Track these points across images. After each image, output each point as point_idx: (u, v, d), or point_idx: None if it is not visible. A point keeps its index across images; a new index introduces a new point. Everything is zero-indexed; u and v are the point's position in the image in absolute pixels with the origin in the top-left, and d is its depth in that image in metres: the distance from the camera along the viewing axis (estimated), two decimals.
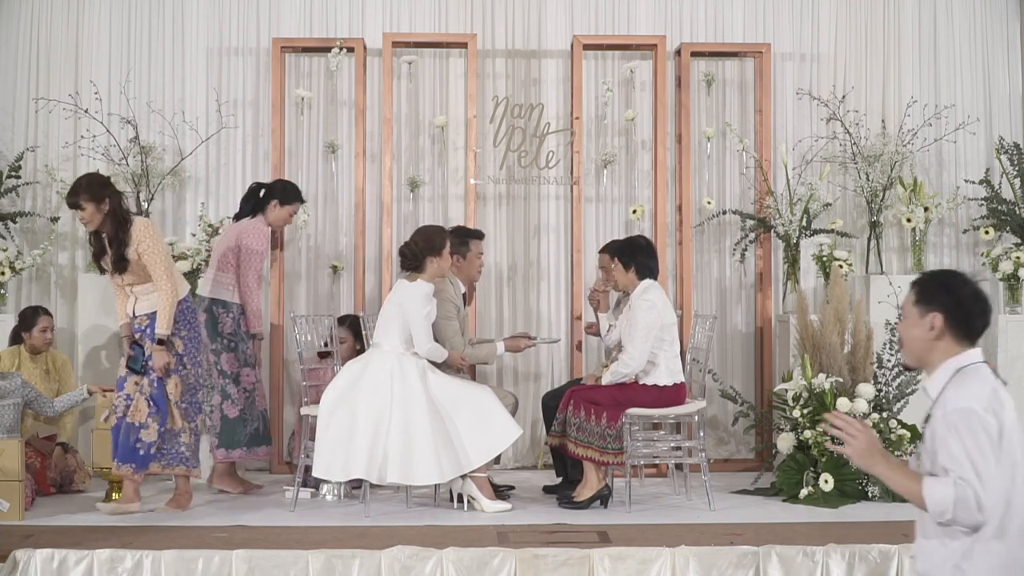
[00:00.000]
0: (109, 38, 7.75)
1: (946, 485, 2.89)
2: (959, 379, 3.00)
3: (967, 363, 3.00)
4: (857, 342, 6.60)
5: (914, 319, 3.12)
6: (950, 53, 7.98)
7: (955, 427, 2.90)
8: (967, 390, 2.96)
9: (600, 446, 5.95)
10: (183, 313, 5.91)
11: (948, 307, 3.04)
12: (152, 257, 5.76)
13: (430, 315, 6.06)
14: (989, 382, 2.98)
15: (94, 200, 5.76)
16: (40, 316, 6.80)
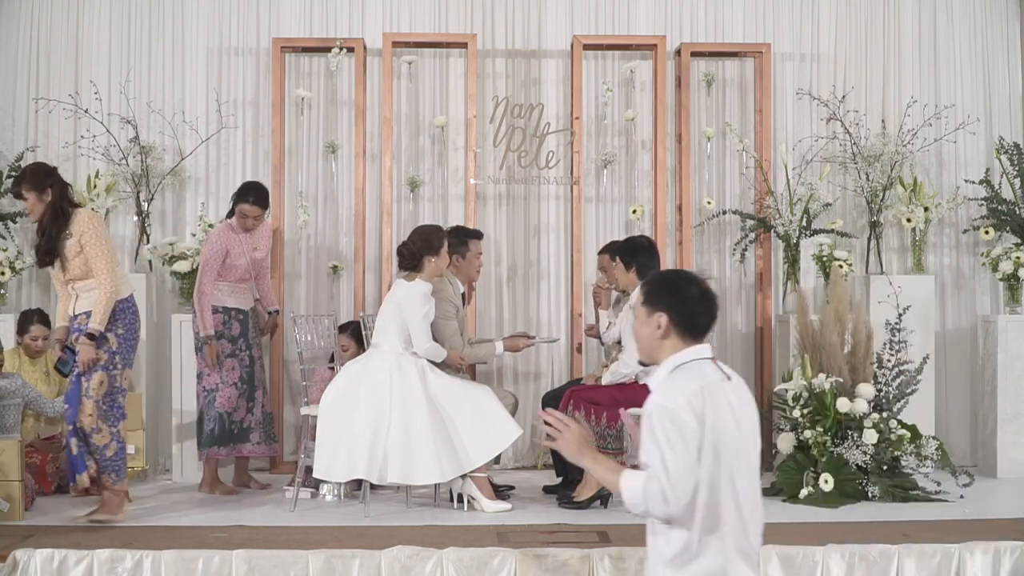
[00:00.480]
0: (109, 38, 7.75)
1: (639, 479, 3.01)
2: (673, 376, 3.09)
3: (685, 360, 3.09)
4: (857, 342, 6.60)
5: (643, 318, 3.18)
6: (950, 53, 7.98)
7: (651, 423, 3.00)
8: (673, 387, 3.04)
9: (600, 446, 5.95)
10: (123, 312, 5.61)
11: (672, 307, 3.11)
12: (95, 249, 5.52)
13: (428, 315, 6.06)
14: (700, 380, 3.04)
15: (35, 189, 5.58)
16: (33, 324, 6.80)
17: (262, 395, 6.77)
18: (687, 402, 2.99)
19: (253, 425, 6.68)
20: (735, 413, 3.04)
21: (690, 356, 3.10)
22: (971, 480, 6.60)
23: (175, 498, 6.48)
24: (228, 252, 6.59)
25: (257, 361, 6.76)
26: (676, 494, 2.96)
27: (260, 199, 6.66)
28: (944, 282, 7.88)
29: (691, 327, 3.11)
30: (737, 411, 3.04)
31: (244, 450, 6.67)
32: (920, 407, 6.93)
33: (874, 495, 6.22)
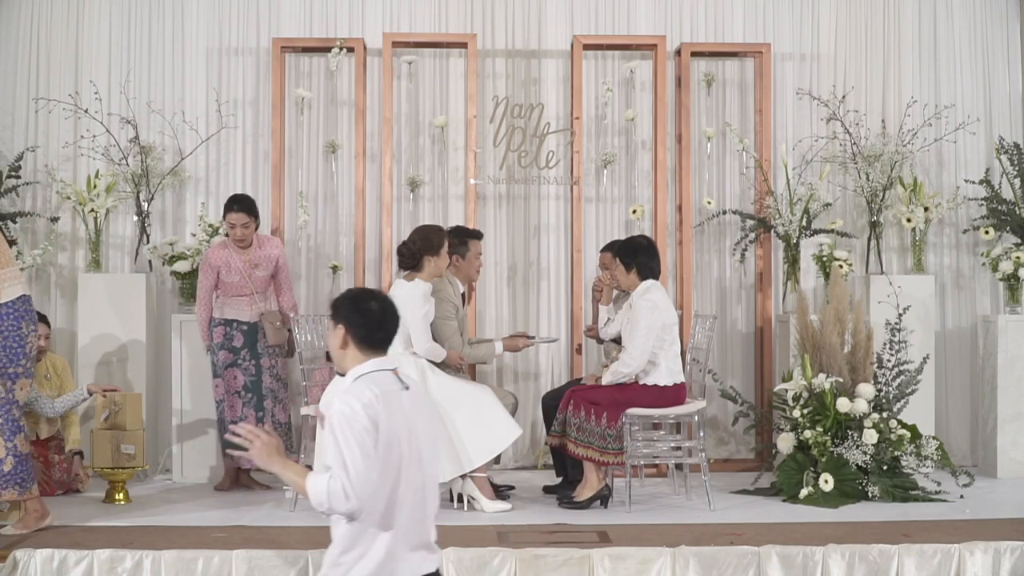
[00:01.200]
0: (109, 38, 7.74)
1: (323, 479, 3.24)
2: (355, 384, 3.32)
3: (367, 371, 3.33)
4: (857, 342, 6.60)
5: (330, 330, 3.42)
6: (950, 53, 7.98)
7: (333, 428, 3.22)
8: (352, 395, 3.27)
9: (600, 446, 5.95)
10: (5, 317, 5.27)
11: (351, 321, 3.35)
12: None
13: (428, 315, 6.06)
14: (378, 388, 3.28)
15: None
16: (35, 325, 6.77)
17: (272, 404, 6.66)
18: (364, 408, 3.23)
19: None
20: (408, 420, 3.29)
21: (371, 367, 3.34)
22: (971, 480, 6.60)
23: (175, 498, 6.48)
24: (219, 269, 6.58)
25: (267, 371, 6.65)
26: (357, 491, 3.20)
27: (245, 206, 6.59)
28: (944, 282, 7.88)
29: (368, 340, 3.35)
30: (411, 418, 3.30)
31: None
32: (920, 407, 6.93)
33: (874, 495, 6.22)
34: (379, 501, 3.25)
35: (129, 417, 6.41)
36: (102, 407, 6.37)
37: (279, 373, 6.74)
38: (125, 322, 7.21)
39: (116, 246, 7.66)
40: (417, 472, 3.32)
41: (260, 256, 6.65)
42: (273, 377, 6.69)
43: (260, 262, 6.65)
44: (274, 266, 6.70)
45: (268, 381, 6.68)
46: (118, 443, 6.34)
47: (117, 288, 7.26)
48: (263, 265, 6.66)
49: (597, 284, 6.84)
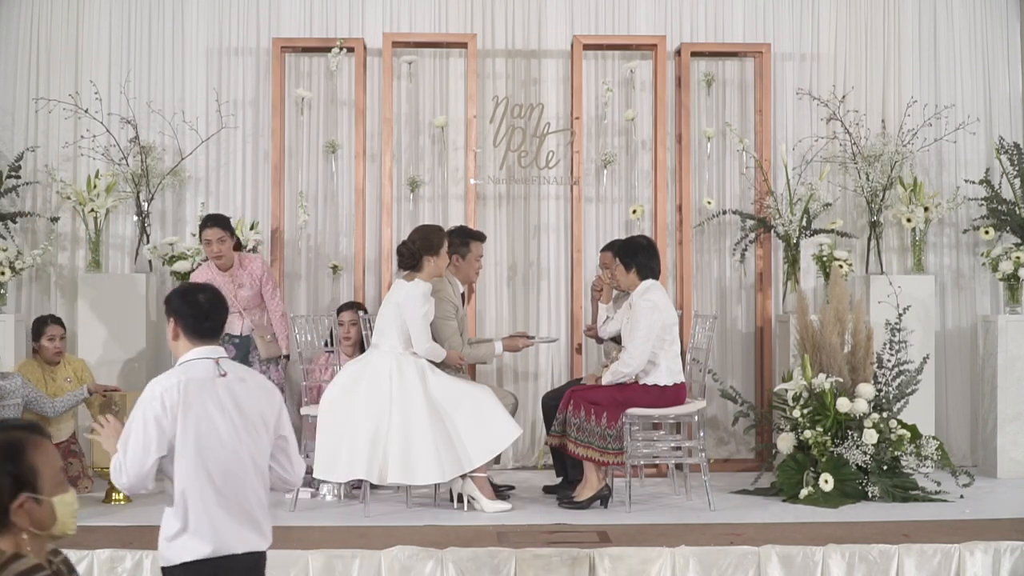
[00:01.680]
0: (109, 38, 7.74)
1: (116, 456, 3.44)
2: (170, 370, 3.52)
3: (189, 359, 3.48)
4: (857, 342, 6.60)
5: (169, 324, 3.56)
6: (950, 53, 7.98)
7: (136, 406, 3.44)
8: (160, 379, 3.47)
9: (600, 446, 5.95)
10: None
11: (180, 313, 3.51)
12: None
13: (428, 314, 6.05)
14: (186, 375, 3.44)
15: None
16: (48, 325, 6.76)
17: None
18: (161, 393, 3.40)
19: None
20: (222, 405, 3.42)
21: (194, 355, 3.49)
22: (971, 480, 6.60)
23: None
24: None
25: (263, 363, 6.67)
26: (128, 469, 3.37)
27: (217, 221, 6.56)
28: (944, 282, 7.88)
29: (196, 331, 3.50)
30: (226, 404, 3.43)
31: None
32: (920, 407, 6.93)
33: (874, 495, 6.22)
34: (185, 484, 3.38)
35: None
36: (102, 407, 6.36)
37: (272, 379, 6.69)
38: (125, 322, 7.21)
39: (116, 246, 7.66)
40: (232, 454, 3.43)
41: (243, 276, 6.62)
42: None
43: (244, 282, 6.62)
44: (258, 284, 6.66)
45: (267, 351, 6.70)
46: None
47: (117, 288, 7.26)
48: (247, 284, 6.63)
49: (597, 283, 6.84)
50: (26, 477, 2.47)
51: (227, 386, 3.46)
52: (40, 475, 2.49)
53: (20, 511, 2.46)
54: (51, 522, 2.52)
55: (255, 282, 6.64)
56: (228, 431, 3.42)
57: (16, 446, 2.48)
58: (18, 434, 2.51)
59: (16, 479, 2.46)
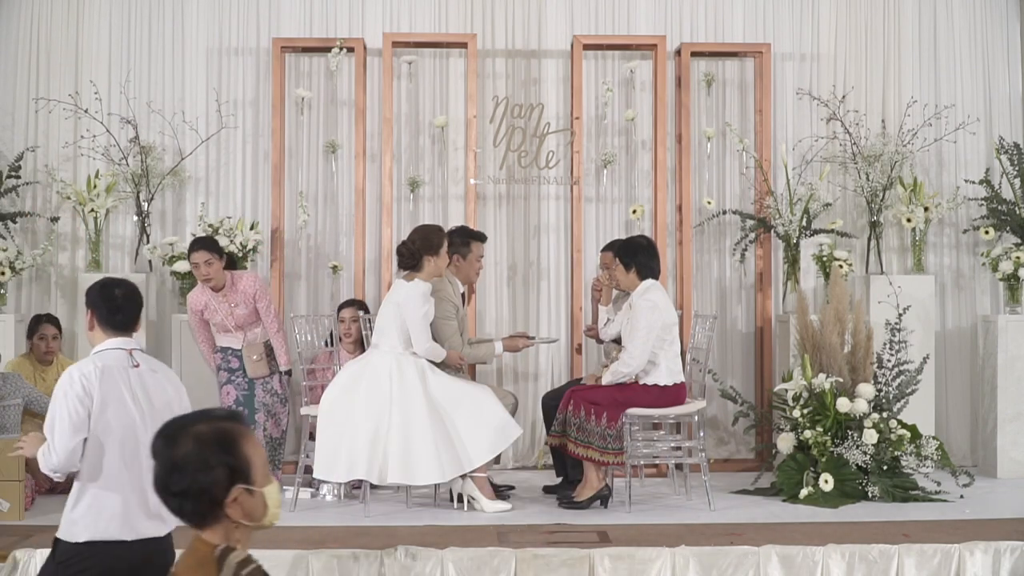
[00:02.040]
0: (109, 38, 7.74)
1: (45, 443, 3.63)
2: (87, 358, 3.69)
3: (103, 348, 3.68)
4: (857, 342, 6.60)
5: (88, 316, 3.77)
6: (950, 53, 7.98)
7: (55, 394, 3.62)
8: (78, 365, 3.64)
9: (600, 446, 5.95)
10: None
11: (97, 305, 3.71)
12: None
13: (428, 314, 6.05)
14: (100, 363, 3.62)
15: None
16: (41, 323, 6.78)
17: (265, 418, 6.58)
18: (80, 379, 3.60)
19: None
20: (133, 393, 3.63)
21: (108, 346, 3.69)
22: (971, 480, 6.60)
23: None
24: (202, 312, 6.56)
25: (260, 385, 6.59)
26: (57, 449, 3.57)
27: (203, 244, 6.50)
28: (944, 282, 7.88)
29: (110, 322, 3.70)
30: (137, 393, 3.64)
31: None
32: (920, 407, 6.93)
33: (874, 495, 6.22)
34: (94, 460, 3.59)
35: None
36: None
37: (275, 388, 6.64)
38: None
39: (116, 246, 7.66)
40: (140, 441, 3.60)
41: (236, 296, 6.55)
42: (267, 392, 6.61)
43: (238, 300, 6.55)
44: (252, 302, 6.59)
45: (261, 395, 6.61)
46: None
47: None
48: (241, 303, 6.55)
49: (596, 284, 6.84)
50: (241, 468, 2.42)
51: (139, 376, 3.67)
52: (253, 465, 2.44)
53: (234, 503, 2.42)
54: (262, 513, 2.48)
55: (249, 300, 6.55)
56: (138, 418, 3.62)
57: (230, 437, 2.43)
58: (229, 425, 2.46)
59: (232, 470, 2.41)
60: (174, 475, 2.42)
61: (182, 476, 2.41)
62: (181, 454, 2.42)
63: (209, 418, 2.47)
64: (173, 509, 2.46)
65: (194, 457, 2.41)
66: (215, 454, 2.41)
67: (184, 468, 2.41)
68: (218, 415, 2.49)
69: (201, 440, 2.42)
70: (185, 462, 2.41)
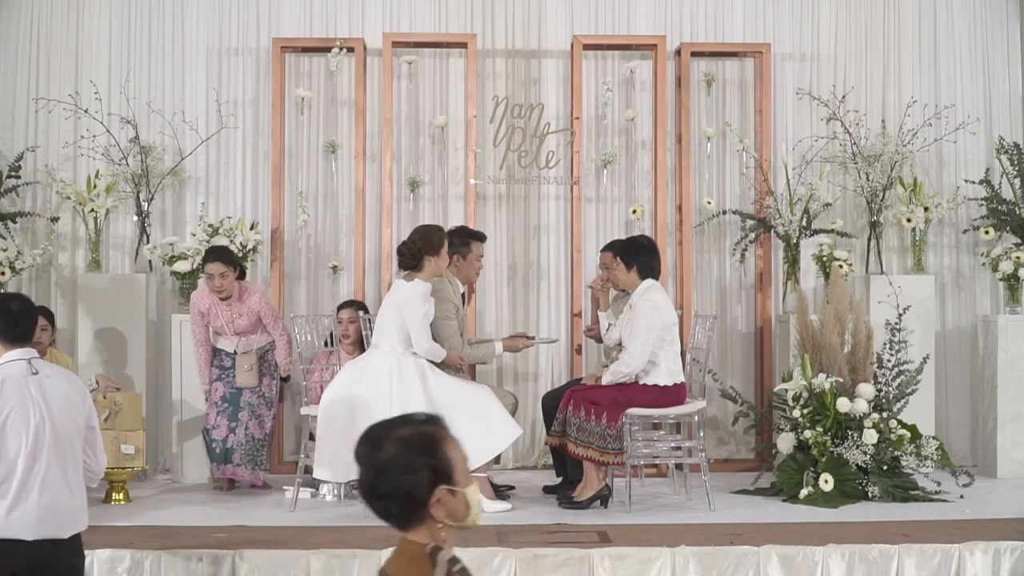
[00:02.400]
0: (109, 38, 7.74)
1: None
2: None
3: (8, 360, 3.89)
4: (857, 342, 6.60)
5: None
6: (950, 53, 7.98)
7: None
8: None
9: (600, 446, 5.95)
10: None
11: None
12: None
13: (428, 314, 6.05)
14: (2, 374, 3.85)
15: None
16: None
17: (248, 417, 6.63)
18: None
19: (235, 446, 6.61)
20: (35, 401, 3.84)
21: (9, 358, 3.90)
22: (971, 480, 6.60)
23: (175, 498, 6.48)
24: (204, 313, 6.62)
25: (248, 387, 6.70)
26: None
27: (220, 255, 6.58)
28: (944, 282, 7.88)
29: (8, 335, 3.92)
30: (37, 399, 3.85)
31: (227, 471, 6.62)
32: (920, 407, 6.93)
33: (874, 495, 6.22)
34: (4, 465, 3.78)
35: (129, 417, 6.41)
36: (102, 407, 6.37)
37: (263, 391, 6.71)
38: (125, 322, 7.21)
39: (116, 246, 7.66)
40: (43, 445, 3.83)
41: (242, 308, 6.64)
42: (254, 393, 6.68)
43: (243, 312, 6.65)
44: (255, 316, 6.68)
45: (248, 395, 6.67)
46: (118, 443, 6.34)
47: (117, 288, 7.26)
48: (245, 315, 6.66)
49: (594, 284, 6.83)
50: (443, 469, 2.45)
51: (39, 383, 3.88)
52: (455, 467, 2.47)
53: (438, 504, 2.45)
54: (465, 513, 2.51)
55: (252, 314, 6.68)
56: (40, 423, 3.83)
57: (432, 439, 2.46)
58: (430, 428, 2.48)
59: (434, 472, 2.44)
60: (380, 478, 2.45)
61: (388, 479, 2.44)
62: (385, 457, 2.44)
63: (410, 422, 2.50)
64: (379, 511, 2.49)
65: (398, 460, 2.44)
66: (419, 456, 2.44)
67: (389, 471, 2.44)
68: (418, 419, 2.52)
69: (405, 443, 2.45)
70: (390, 465, 2.44)
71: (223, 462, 6.60)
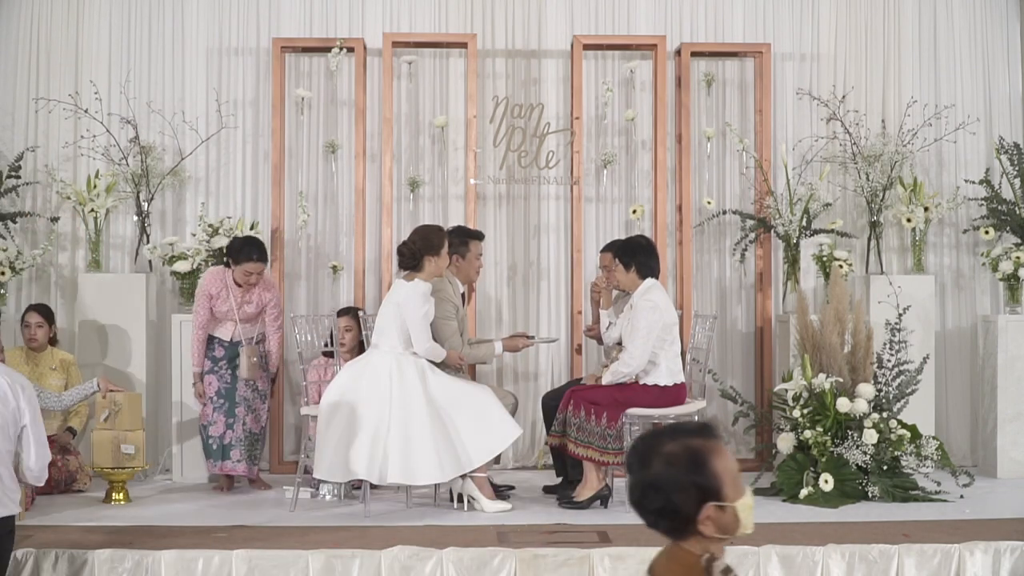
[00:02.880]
0: (109, 38, 7.74)
1: None
2: None
3: None
4: (857, 342, 6.60)
5: None
6: (950, 53, 7.98)
7: None
8: None
9: (600, 446, 5.95)
10: None
11: None
12: None
13: (428, 314, 6.05)
14: None
15: None
16: (28, 312, 6.88)
17: (245, 413, 6.65)
18: None
19: (233, 442, 6.62)
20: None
21: None
22: (971, 480, 6.60)
23: (175, 498, 6.48)
24: (213, 297, 6.62)
25: (241, 379, 6.67)
26: None
27: (262, 255, 6.61)
28: (944, 282, 7.88)
29: None
30: None
31: (226, 467, 6.63)
32: (920, 407, 6.93)
33: (874, 495, 6.22)
34: None
35: (129, 417, 6.41)
36: (102, 407, 6.37)
37: (256, 385, 6.73)
38: (125, 322, 7.21)
39: (116, 246, 7.66)
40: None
41: (252, 296, 6.68)
42: (249, 387, 6.69)
43: (252, 299, 6.69)
44: (263, 307, 6.74)
45: (243, 390, 6.67)
46: (118, 443, 6.34)
47: (117, 288, 7.26)
48: (255, 303, 6.71)
49: (595, 287, 6.82)
50: (711, 486, 2.43)
51: None
52: (723, 482, 2.45)
53: (707, 520, 2.44)
54: (735, 527, 2.50)
55: (261, 305, 6.74)
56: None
57: (699, 455, 2.42)
58: (697, 442, 2.44)
59: (702, 489, 2.42)
60: (648, 494, 2.43)
61: (656, 496, 2.42)
62: (653, 475, 2.42)
63: (679, 434, 2.46)
64: (649, 524, 2.47)
65: (665, 478, 2.41)
66: (685, 474, 2.41)
67: (657, 488, 2.42)
68: (688, 430, 2.47)
69: (671, 461, 2.42)
70: (657, 483, 2.42)
71: (221, 458, 6.61)
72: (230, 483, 6.70)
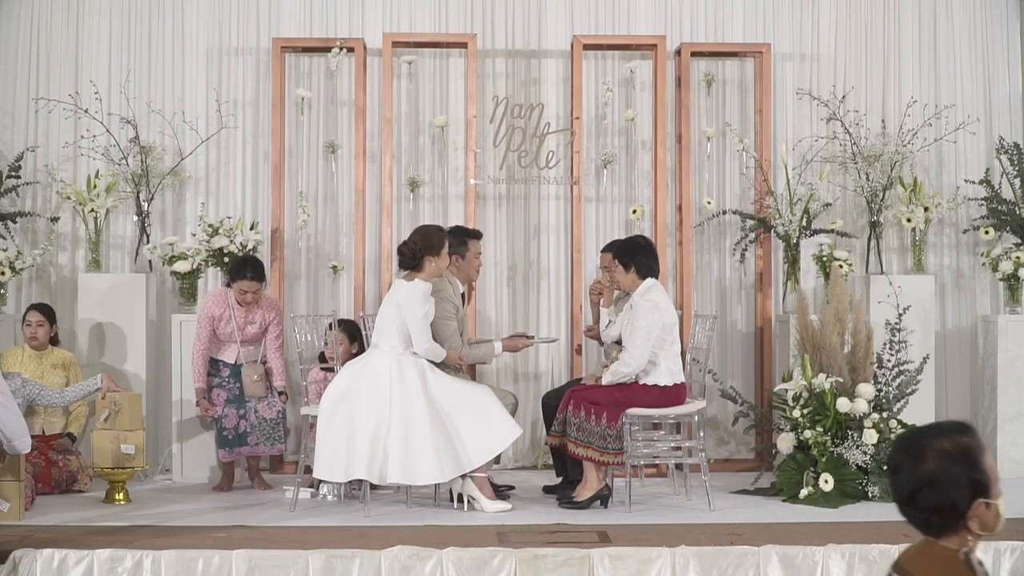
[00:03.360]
0: (109, 38, 7.74)
1: None
2: None
3: None
4: (857, 342, 6.60)
5: None
6: (950, 53, 7.98)
7: None
8: None
9: (600, 446, 5.95)
10: None
11: None
12: None
13: (428, 314, 6.05)
14: None
15: None
16: (28, 311, 6.89)
17: (255, 403, 6.70)
18: None
19: (248, 429, 6.65)
20: None
21: None
22: None
23: (175, 498, 6.48)
24: (216, 319, 6.65)
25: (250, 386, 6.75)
26: None
27: (258, 273, 6.63)
28: (944, 282, 7.88)
29: None
30: None
31: (244, 452, 6.67)
32: (920, 407, 6.93)
33: (874, 495, 6.22)
34: None
35: (129, 417, 6.41)
36: (102, 407, 6.37)
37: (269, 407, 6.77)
38: (125, 322, 7.21)
39: (116, 246, 7.67)
40: None
41: (255, 315, 6.73)
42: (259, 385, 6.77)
43: (255, 319, 6.74)
44: (265, 325, 6.77)
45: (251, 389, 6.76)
46: (118, 443, 6.34)
47: (117, 288, 7.26)
48: (257, 323, 6.75)
49: (595, 287, 6.82)
50: (983, 482, 2.45)
51: None
52: (992, 479, 2.47)
53: (974, 517, 2.46)
54: (995, 523, 2.50)
55: (264, 323, 6.77)
56: None
57: (972, 452, 2.46)
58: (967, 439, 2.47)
59: (975, 485, 2.45)
60: (923, 490, 2.46)
61: (932, 492, 2.45)
62: (929, 471, 2.45)
63: (945, 432, 2.49)
64: (915, 521, 2.49)
65: (944, 474, 2.44)
66: (963, 470, 2.45)
67: (934, 485, 2.45)
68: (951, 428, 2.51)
69: (947, 456, 2.45)
70: (935, 479, 2.45)
71: (238, 445, 6.61)
72: (230, 483, 6.71)
